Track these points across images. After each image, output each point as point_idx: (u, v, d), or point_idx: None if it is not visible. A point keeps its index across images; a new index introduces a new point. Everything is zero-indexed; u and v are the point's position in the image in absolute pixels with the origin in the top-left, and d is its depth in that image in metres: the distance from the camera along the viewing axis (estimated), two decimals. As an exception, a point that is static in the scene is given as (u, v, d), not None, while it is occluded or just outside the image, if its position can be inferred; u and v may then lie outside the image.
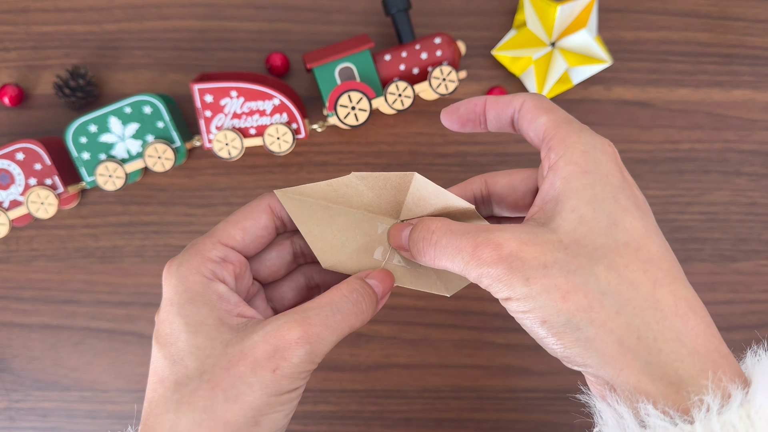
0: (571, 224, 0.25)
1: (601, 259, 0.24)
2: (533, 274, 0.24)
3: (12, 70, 0.46)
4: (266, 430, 0.26)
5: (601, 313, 0.23)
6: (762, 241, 0.47)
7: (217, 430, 0.25)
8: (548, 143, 0.27)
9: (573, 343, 0.24)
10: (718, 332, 0.25)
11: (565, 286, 0.24)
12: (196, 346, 0.26)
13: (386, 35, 0.46)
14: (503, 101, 0.30)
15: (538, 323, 0.24)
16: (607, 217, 0.25)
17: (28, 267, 0.46)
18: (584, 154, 0.26)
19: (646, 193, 0.47)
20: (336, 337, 0.27)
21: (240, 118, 0.42)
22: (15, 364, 0.46)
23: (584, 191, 0.25)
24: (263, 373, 0.25)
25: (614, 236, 0.24)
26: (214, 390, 0.25)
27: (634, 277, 0.24)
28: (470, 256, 0.25)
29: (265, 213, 0.30)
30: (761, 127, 0.47)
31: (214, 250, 0.28)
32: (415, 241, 0.28)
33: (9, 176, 0.42)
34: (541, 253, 0.24)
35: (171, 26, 0.46)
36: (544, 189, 0.27)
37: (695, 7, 0.47)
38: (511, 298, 0.25)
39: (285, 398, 0.26)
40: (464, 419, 0.47)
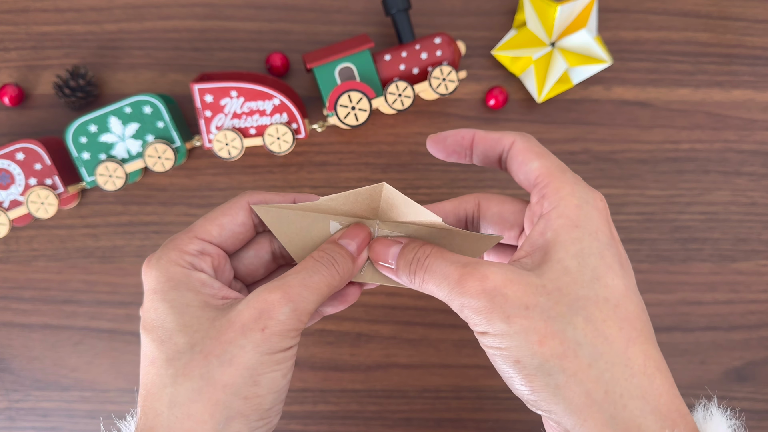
0: (555, 273, 0.25)
1: (580, 310, 0.25)
2: (514, 312, 0.25)
3: (12, 70, 0.46)
4: (265, 390, 0.26)
5: (574, 363, 0.24)
6: (762, 241, 0.47)
7: (217, 393, 0.25)
8: (541, 190, 0.28)
9: (542, 388, 0.24)
10: (679, 393, 0.25)
11: (543, 331, 0.24)
12: (183, 324, 0.27)
13: (386, 35, 0.46)
14: (492, 138, 0.30)
15: (511, 362, 0.25)
16: (591, 271, 0.25)
17: (29, 267, 0.46)
18: (577, 208, 0.27)
19: (646, 193, 0.47)
20: (317, 296, 0.28)
21: (240, 118, 0.42)
22: (15, 364, 0.46)
23: (572, 245, 0.26)
24: (252, 334, 0.26)
25: (596, 290, 0.25)
26: (207, 358, 0.26)
27: (609, 332, 0.25)
28: (455, 283, 0.26)
29: (242, 210, 0.30)
30: (761, 127, 0.47)
31: (191, 244, 0.29)
32: (407, 261, 0.29)
33: (9, 176, 0.42)
34: (524, 294, 0.25)
35: (171, 26, 0.46)
36: (533, 236, 0.27)
37: (695, 7, 0.47)
38: (488, 333, 0.25)
39: (279, 357, 0.26)
40: (464, 419, 0.47)
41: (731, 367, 0.47)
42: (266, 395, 0.26)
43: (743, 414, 0.47)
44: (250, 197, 0.31)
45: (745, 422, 0.47)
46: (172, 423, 0.26)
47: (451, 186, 0.46)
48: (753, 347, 0.47)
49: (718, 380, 0.47)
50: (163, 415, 0.26)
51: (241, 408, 0.26)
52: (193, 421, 0.25)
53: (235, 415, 0.26)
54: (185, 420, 0.25)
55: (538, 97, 0.45)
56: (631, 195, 0.47)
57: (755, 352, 0.47)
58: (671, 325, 0.47)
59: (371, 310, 0.47)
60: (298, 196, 0.31)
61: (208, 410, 0.25)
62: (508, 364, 0.25)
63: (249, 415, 0.26)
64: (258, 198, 0.31)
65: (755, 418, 0.47)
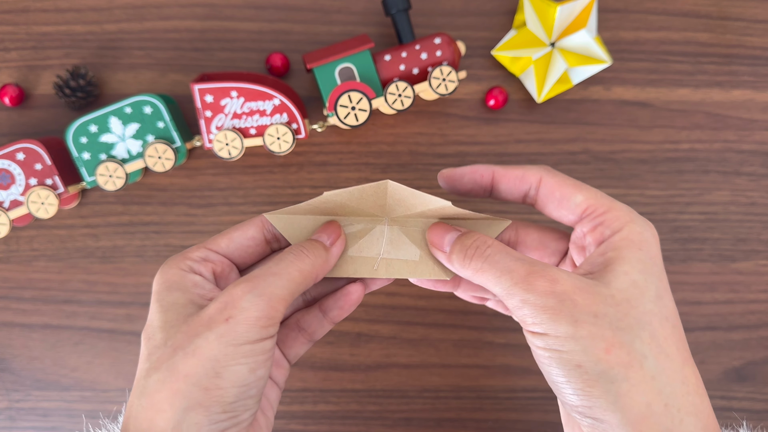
0: (623, 284, 0.26)
1: (646, 325, 0.26)
2: (583, 318, 0.25)
3: (12, 70, 0.46)
4: (228, 383, 0.26)
5: (639, 374, 0.25)
6: (761, 241, 0.47)
7: (178, 383, 0.26)
8: (595, 219, 0.29)
9: (601, 394, 0.25)
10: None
11: (611, 339, 0.25)
12: (165, 321, 0.28)
13: (386, 35, 0.46)
14: (514, 175, 0.31)
15: (571, 366, 0.25)
16: (655, 289, 0.26)
17: (29, 267, 0.46)
18: (639, 234, 0.28)
19: (646, 193, 0.47)
20: (286, 281, 0.28)
21: (240, 118, 0.42)
22: (15, 364, 0.46)
23: (637, 263, 0.27)
24: (217, 325, 0.26)
25: (659, 308, 0.26)
26: (175, 351, 0.26)
27: (670, 350, 0.26)
28: (521, 279, 0.26)
29: (254, 226, 0.31)
30: (761, 127, 0.47)
31: (197, 251, 0.30)
32: (465, 246, 0.29)
33: (9, 176, 0.42)
34: (593, 303, 0.25)
35: (171, 26, 0.46)
36: (593, 257, 0.28)
37: (695, 8, 0.47)
38: (548, 334, 0.26)
39: (245, 349, 0.26)
40: (464, 419, 0.47)
41: (731, 367, 0.47)
42: (229, 388, 0.26)
43: (743, 414, 0.47)
44: (263, 217, 0.32)
45: (745, 422, 0.47)
46: (138, 412, 0.26)
47: (451, 186, 0.46)
48: (753, 347, 0.47)
49: (718, 380, 0.47)
50: (133, 406, 0.27)
51: (200, 399, 0.25)
52: (154, 410, 0.26)
53: (194, 406, 0.25)
54: (149, 409, 0.26)
55: (537, 97, 0.45)
56: (631, 195, 0.47)
57: (755, 352, 0.47)
58: (671, 325, 0.47)
59: (371, 310, 0.47)
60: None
61: (168, 399, 0.26)
62: (567, 368, 0.25)
63: (209, 406, 0.26)
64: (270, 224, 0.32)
65: (755, 418, 0.47)
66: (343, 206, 0.31)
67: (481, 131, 0.47)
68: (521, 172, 0.31)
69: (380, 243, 0.32)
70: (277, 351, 0.33)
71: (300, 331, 0.33)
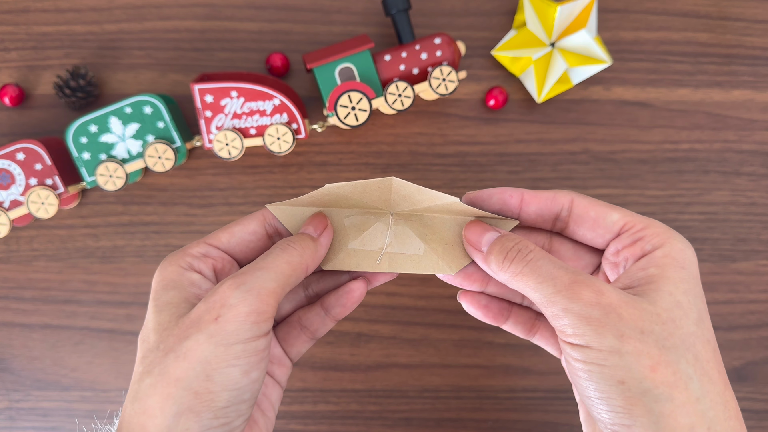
0: (668, 304, 0.25)
1: (691, 347, 0.25)
2: (629, 333, 0.24)
3: (12, 70, 0.46)
4: (219, 386, 0.25)
5: (684, 395, 0.24)
6: (761, 241, 0.47)
7: (169, 387, 0.25)
8: (634, 234, 0.28)
9: (642, 414, 0.24)
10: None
11: (657, 358, 0.24)
12: (158, 322, 0.27)
13: (386, 35, 0.47)
14: (545, 197, 0.30)
15: (613, 382, 0.24)
16: (697, 312, 0.26)
17: (29, 267, 0.46)
18: (681, 251, 0.27)
19: (646, 193, 0.47)
20: (275, 273, 0.27)
21: (240, 119, 0.42)
22: (15, 364, 0.46)
23: (681, 283, 0.26)
24: (207, 325, 0.25)
25: (702, 330, 0.26)
26: (167, 354, 0.26)
27: (712, 374, 0.25)
28: (565, 287, 0.25)
29: (255, 220, 0.31)
30: (761, 127, 0.47)
31: (197, 247, 0.30)
32: (504, 248, 0.28)
33: (9, 176, 0.42)
34: (640, 319, 0.25)
35: (171, 26, 0.46)
36: (633, 271, 0.27)
37: (695, 8, 0.47)
38: (590, 346, 0.25)
39: (237, 350, 0.25)
40: (464, 419, 0.47)
41: (731, 367, 0.47)
42: (220, 392, 0.25)
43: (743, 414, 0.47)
44: (266, 211, 0.31)
45: (745, 422, 0.47)
46: (131, 417, 0.26)
47: (452, 186, 0.46)
48: (753, 347, 0.47)
49: (718, 380, 0.47)
50: (126, 410, 0.26)
51: (191, 403, 0.25)
52: (146, 416, 0.25)
53: (184, 411, 0.25)
54: (141, 414, 0.25)
55: (537, 97, 0.45)
56: (631, 195, 0.47)
57: (755, 352, 0.47)
58: (671, 325, 0.47)
59: (371, 310, 0.47)
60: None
61: (159, 405, 0.25)
62: (608, 383, 0.24)
63: (200, 412, 0.25)
64: (272, 218, 0.31)
65: (755, 418, 0.47)
66: (346, 198, 0.31)
67: (481, 131, 0.47)
68: (552, 194, 0.30)
69: (384, 237, 0.31)
70: (279, 349, 0.32)
71: (302, 328, 0.33)
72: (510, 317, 0.32)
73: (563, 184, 0.47)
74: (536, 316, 0.33)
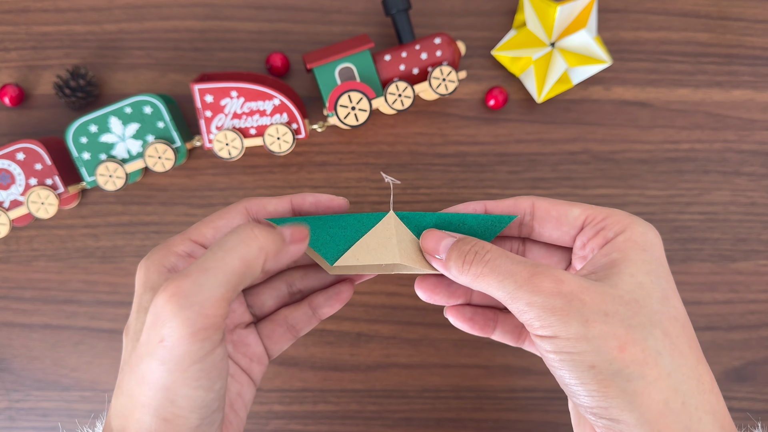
0: (630, 286, 0.26)
1: (657, 323, 0.25)
2: (594, 317, 0.24)
3: (12, 70, 0.46)
4: (186, 410, 0.24)
5: (655, 371, 0.24)
6: (761, 241, 0.47)
7: (137, 413, 0.24)
8: (597, 225, 0.28)
9: (617, 394, 0.24)
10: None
11: (624, 338, 0.24)
12: (136, 329, 0.26)
13: (386, 35, 0.46)
14: (506, 205, 0.31)
15: (584, 367, 0.24)
16: (662, 291, 0.26)
17: (29, 267, 0.46)
18: (642, 234, 0.27)
19: (646, 193, 0.47)
20: (222, 277, 0.24)
21: (240, 118, 0.42)
22: (15, 364, 0.46)
23: (643, 264, 0.26)
24: (154, 348, 0.23)
25: (668, 308, 0.26)
26: (131, 372, 0.25)
27: (683, 348, 0.25)
28: (525, 281, 0.26)
29: (239, 214, 0.30)
30: (761, 127, 0.47)
31: (181, 245, 0.28)
32: (462, 252, 0.28)
33: (9, 176, 0.42)
34: (602, 302, 0.25)
35: (171, 26, 0.46)
36: (597, 258, 0.27)
37: (695, 8, 0.47)
38: (558, 336, 0.25)
39: (194, 371, 0.23)
40: (464, 419, 0.47)
41: (731, 367, 0.47)
42: (188, 415, 0.24)
43: (742, 414, 0.47)
44: (248, 203, 0.30)
45: (745, 422, 0.47)
46: (113, 419, 0.25)
47: (451, 186, 0.46)
48: (753, 347, 0.47)
49: (718, 380, 0.47)
50: (110, 422, 0.26)
51: (163, 430, 0.24)
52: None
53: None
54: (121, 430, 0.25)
55: (537, 97, 0.45)
56: (631, 195, 0.47)
57: (755, 352, 0.47)
58: (671, 325, 0.47)
59: (371, 310, 0.47)
60: (294, 197, 0.31)
61: (135, 428, 0.24)
62: (580, 369, 0.25)
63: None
64: (255, 203, 0.30)
65: (755, 418, 0.47)
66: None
67: (481, 131, 0.47)
68: (512, 202, 0.31)
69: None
70: (261, 347, 0.32)
71: (288, 327, 0.32)
72: (497, 327, 0.32)
73: (563, 184, 0.47)
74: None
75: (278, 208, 0.31)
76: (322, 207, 0.31)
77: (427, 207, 0.46)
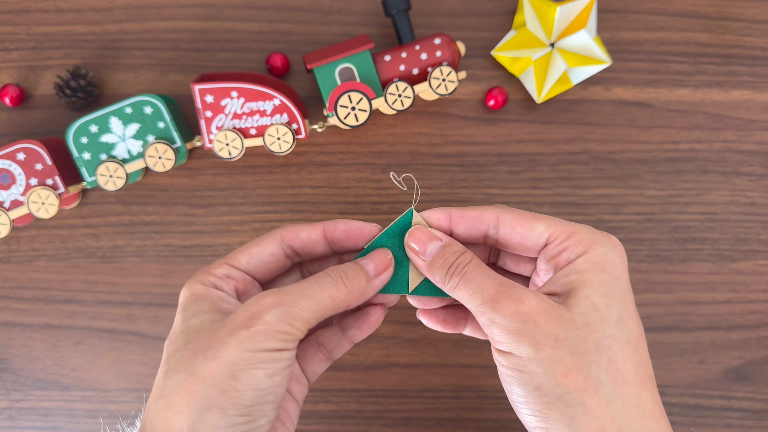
0: (584, 308, 0.27)
1: (605, 350, 0.26)
2: (544, 341, 0.26)
3: (13, 70, 0.46)
4: (245, 385, 0.26)
5: (594, 399, 0.25)
6: (761, 241, 0.47)
7: (197, 384, 0.26)
8: (559, 245, 0.29)
9: (557, 417, 0.25)
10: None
11: (570, 364, 0.26)
12: (188, 326, 0.28)
13: (386, 36, 0.47)
14: (471, 216, 0.31)
15: (531, 387, 0.26)
16: (616, 312, 0.27)
17: (29, 267, 0.46)
18: (602, 255, 0.28)
19: (645, 193, 0.47)
20: (314, 304, 0.28)
21: (240, 119, 0.43)
22: (16, 364, 0.46)
23: (599, 286, 0.27)
24: (239, 332, 0.27)
25: (621, 331, 0.27)
26: (195, 354, 0.27)
27: (627, 375, 0.26)
28: (489, 299, 0.27)
29: (273, 241, 0.32)
30: (760, 128, 0.47)
31: (219, 268, 0.31)
32: (446, 262, 0.30)
33: (10, 176, 0.42)
34: (555, 326, 0.26)
35: (172, 27, 0.46)
36: (557, 278, 0.28)
37: (694, 8, 0.47)
38: (512, 353, 0.26)
39: (263, 356, 0.26)
40: (464, 418, 0.47)
41: (730, 367, 0.47)
42: (245, 390, 0.26)
43: (742, 414, 0.47)
44: (283, 231, 0.32)
45: (745, 422, 0.47)
46: (155, 414, 0.27)
47: (451, 186, 0.46)
48: (752, 347, 0.47)
49: (717, 380, 0.47)
50: (150, 407, 0.27)
51: (218, 400, 0.26)
52: (172, 411, 0.26)
53: (211, 407, 0.26)
54: (166, 410, 0.26)
55: (537, 97, 0.45)
56: (631, 195, 0.47)
57: (754, 352, 0.47)
58: (670, 325, 0.47)
59: (371, 309, 0.47)
60: (326, 225, 0.32)
61: (186, 401, 0.26)
62: (527, 388, 0.26)
63: (226, 408, 0.26)
64: (290, 231, 0.32)
65: (755, 418, 0.47)
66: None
67: (480, 131, 0.47)
68: (478, 213, 0.31)
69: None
70: (296, 366, 0.33)
71: (319, 346, 0.33)
72: (468, 323, 0.34)
73: (563, 184, 0.47)
74: None
75: (311, 236, 0.32)
76: (353, 235, 0.32)
77: (426, 207, 0.46)
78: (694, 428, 0.47)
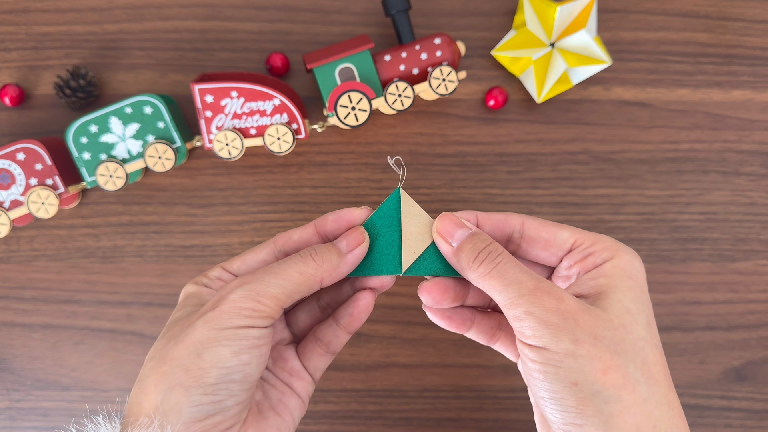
0: (618, 311, 0.27)
1: (640, 352, 0.27)
2: (584, 338, 0.26)
3: (13, 70, 0.46)
4: (208, 363, 0.27)
5: (632, 396, 0.26)
6: (761, 241, 0.47)
7: (164, 365, 0.27)
8: (585, 250, 0.30)
9: (593, 414, 0.26)
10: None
11: (609, 362, 0.26)
12: (174, 321, 0.30)
13: (386, 36, 0.47)
14: (497, 219, 0.32)
15: (568, 382, 0.26)
16: (645, 317, 0.28)
17: (29, 267, 0.46)
18: (629, 262, 0.29)
19: (645, 193, 0.47)
20: (282, 280, 0.29)
21: (240, 119, 0.43)
22: (16, 364, 0.46)
23: (629, 291, 0.28)
24: (206, 314, 0.28)
25: (650, 335, 0.28)
26: (168, 340, 0.28)
27: (658, 376, 0.27)
28: (529, 292, 0.27)
29: (266, 248, 0.33)
30: (760, 128, 0.47)
31: (213, 271, 0.33)
32: (476, 248, 0.30)
33: (10, 176, 0.42)
34: (594, 325, 0.27)
35: (171, 27, 0.46)
36: (584, 280, 0.29)
37: (694, 8, 0.47)
38: (547, 348, 0.26)
39: (228, 333, 0.27)
40: (464, 419, 0.47)
41: (730, 367, 0.47)
42: (208, 368, 0.27)
43: (742, 414, 0.47)
44: (276, 238, 0.33)
45: (745, 422, 0.47)
46: (132, 398, 0.28)
47: (451, 186, 0.46)
48: (752, 347, 0.47)
49: (718, 380, 0.47)
50: (132, 393, 0.28)
51: (181, 379, 0.26)
52: (144, 393, 0.27)
53: (174, 386, 0.26)
54: (140, 393, 0.28)
55: (537, 97, 0.45)
56: (631, 195, 0.47)
57: (754, 352, 0.47)
58: (670, 324, 0.47)
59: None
60: (316, 221, 0.33)
61: (155, 382, 0.27)
62: (563, 383, 0.26)
63: (189, 387, 0.26)
64: (282, 236, 0.33)
65: (755, 418, 0.47)
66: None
67: (481, 131, 0.47)
68: (504, 217, 0.32)
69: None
70: (297, 362, 0.33)
71: (316, 340, 0.33)
72: (473, 326, 0.34)
73: (563, 184, 0.47)
74: (497, 325, 0.34)
75: (303, 236, 0.33)
76: (344, 221, 0.32)
77: (427, 207, 0.46)
78: (694, 428, 0.47)
